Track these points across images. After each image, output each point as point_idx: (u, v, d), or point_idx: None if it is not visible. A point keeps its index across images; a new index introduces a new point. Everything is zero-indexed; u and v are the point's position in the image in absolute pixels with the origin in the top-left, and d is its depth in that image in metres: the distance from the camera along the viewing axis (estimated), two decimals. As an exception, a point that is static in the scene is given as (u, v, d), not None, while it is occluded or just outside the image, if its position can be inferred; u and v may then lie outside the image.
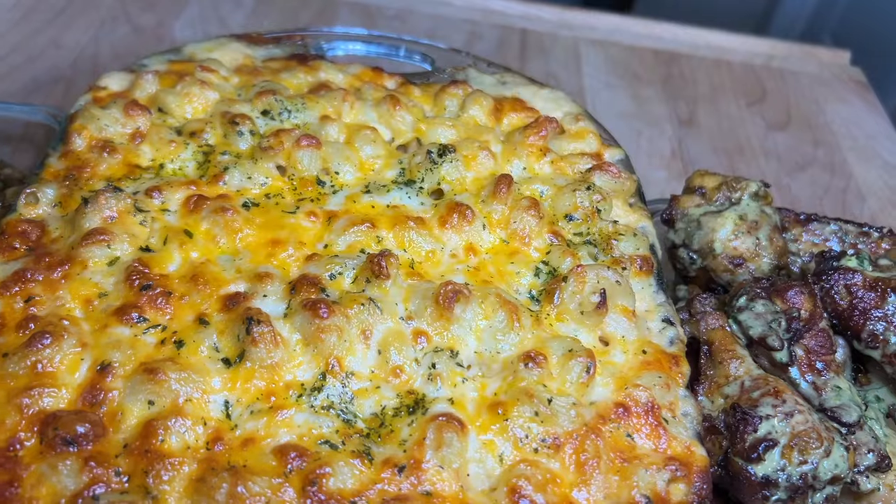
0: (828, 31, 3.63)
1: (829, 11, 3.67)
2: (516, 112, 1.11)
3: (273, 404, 0.74)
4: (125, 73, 1.09)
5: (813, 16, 3.73)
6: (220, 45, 1.16)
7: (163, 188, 0.90)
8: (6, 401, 0.70)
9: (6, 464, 0.67)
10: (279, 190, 0.93)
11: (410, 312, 0.81)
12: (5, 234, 0.85)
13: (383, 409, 0.76)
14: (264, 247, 0.86)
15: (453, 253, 0.90)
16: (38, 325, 0.76)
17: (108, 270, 0.82)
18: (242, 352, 0.75)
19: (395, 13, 1.78)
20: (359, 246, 0.88)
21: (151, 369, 0.72)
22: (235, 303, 0.79)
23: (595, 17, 1.90)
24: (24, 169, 1.16)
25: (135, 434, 0.70)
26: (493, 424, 0.74)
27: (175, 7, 1.68)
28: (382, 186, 0.95)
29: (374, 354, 0.78)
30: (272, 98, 1.02)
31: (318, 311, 0.77)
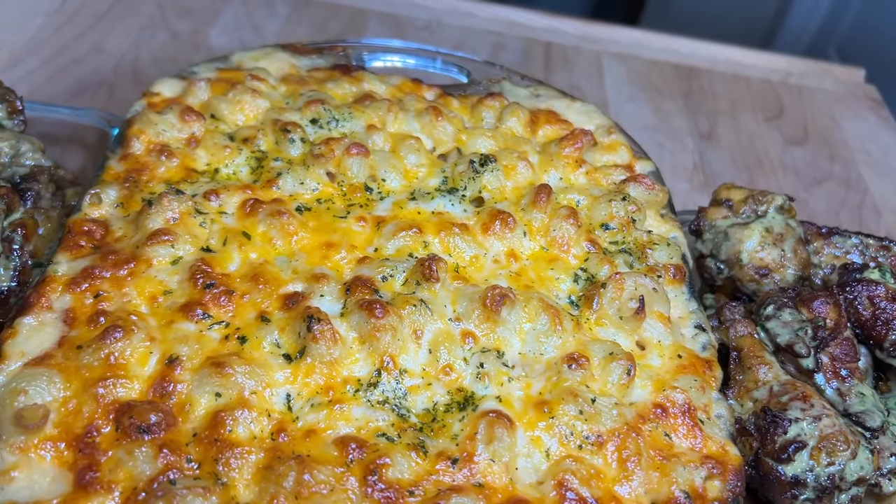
0: (834, 47, 3.68)
1: (836, 27, 3.73)
2: (551, 124, 1.16)
3: (332, 398, 0.78)
4: (177, 80, 1.13)
5: (819, 31, 3.78)
6: (266, 55, 1.21)
7: (220, 191, 0.94)
8: (82, 390, 0.74)
9: (85, 449, 0.71)
10: (329, 195, 0.98)
11: (458, 314, 0.85)
12: (72, 233, 0.90)
13: (435, 405, 0.80)
14: (318, 249, 0.91)
15: (496, 258, 0.94)
16: (109, 319, 0.80)
17: (172, 269, 0.86)
18: (303, 348, 0.79)
19: (424, 24, 1.82)
20: (407, 250, 0.92)
21: (219, 363, 0.77)
22: (295, 302, 0.83)
23: (617, 30, 1.95)
24: (74, 170, 1.20)
25: (204, 424, 0.74)
26: (540, 422, 0.78)
27: (211, 14, 1.72)
28: (427, 194, 1.00)
29: (425, 353, 0.83)
30: (321, 107, 1.06)
31: (373, 311, 0.81)
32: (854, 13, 3.68)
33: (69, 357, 0.77)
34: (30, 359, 0.77)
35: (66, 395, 0.74)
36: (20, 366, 0.77)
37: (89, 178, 1.22)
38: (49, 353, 0.78)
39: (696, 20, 3.74)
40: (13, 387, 0.73)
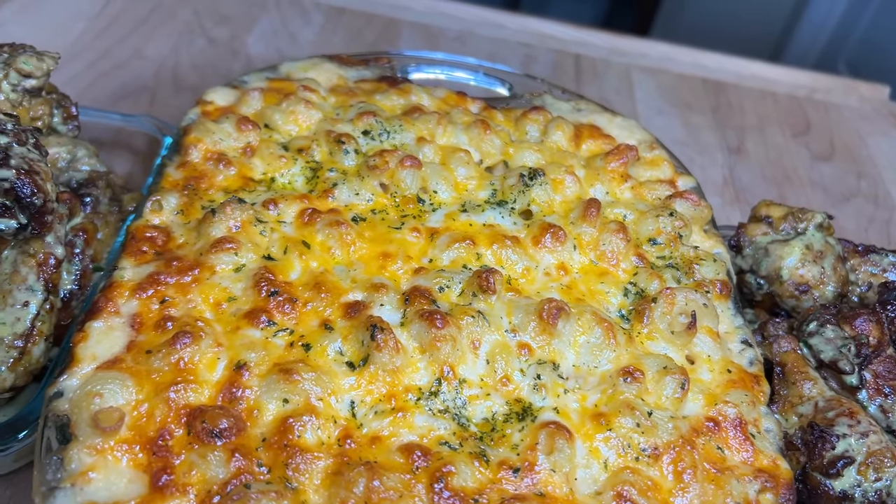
0: (843, 60, 3.71)
1: (845, 41, 3.75)
2: (594, 139, 1.18)
3: (395, 406, 0.80)
4: (229, 89, 1.15)
5: (828, 44, 3.80)
6: (314, 66, 1.23)
7: (278, 201, 0.96)
8: (154, 394, 0.76)
9: (158, 452, 0.73)
10: (383, 206, 1.00)
11: (514, 326, 0.87)
12: (135, 239, 0.92)
13: (494, 415, 0.81)
14: (376, 259, 0.92)
15: (547, 271, 0.96)
16: (176, 325, 0.82)
17: (235, 276, 0.88)
18: (367, 356, 0.81)
19: (455, 35, 1.85)
20: (461, 261, 0.94)
21: (286, 370, 0.78)
22: (356, 311, 0.85)
23: (645, 44, 1.97)
24: (121, 175, 1.22)
25: (272, 429, 0.76)
26: (598, 433, 0.80)
27: (247, 22, 1.75)
28: (477, 206, 1.02)
29: (482, 364, 0.84)
30: (372, 119, 1.08)
31: (434, 321, 0.83)
32: (864, 27, 3.70)
33: (139, 361, 0.79)
34: (101, 362, 0.79)
35: (139, 398, 0.76)
36: (92, 369, 0.78)
37: (137, 183, 1.25)
38: (119, 357, 0.80)
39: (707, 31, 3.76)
40: (88, 389, 0.75)
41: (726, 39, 2.90)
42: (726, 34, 3.79)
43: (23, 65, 1.00)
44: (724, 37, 3.56)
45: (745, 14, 3.87)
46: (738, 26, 3.85)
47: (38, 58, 1.02)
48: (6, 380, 0.87)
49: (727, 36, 3.76)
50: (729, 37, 3.74)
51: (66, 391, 0.77)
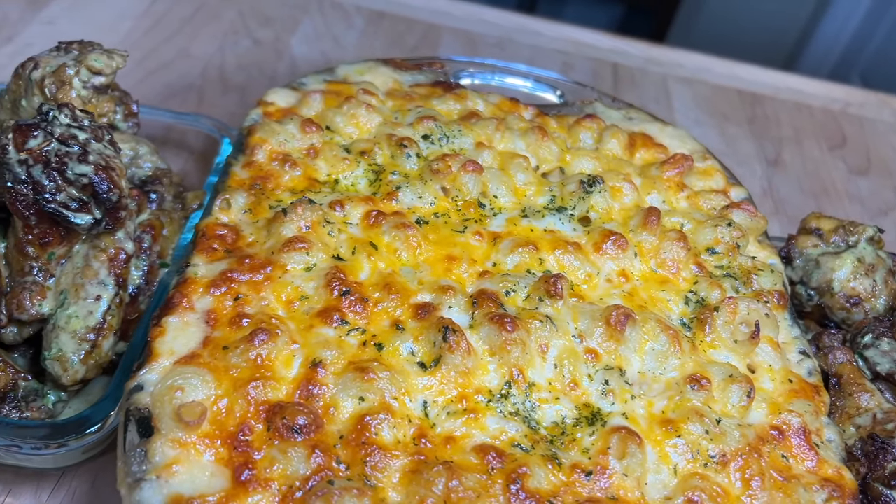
0: (857, 72, 3.72)
1: (859, 53, 3.76)
2: (647, 148, 1.19)
3: (466, 407, 0.81)
4: (289, 90, 1.17)
5: (843, 56, 3.82)
6: (370, 69, 1.24)
7: (344, 202, 0.97)
8: (233, 390, 0.77)
9: (239, 447, 0.74)
10: (446, 210, 1.01)
11: (580, 331, 0.88)
12: (206, 236, 0.93)
13: (563, 418, 0.82)
14: (441, 262, 0.94)
15: (608, 278, 0.97)
16: (252, 322, 0.83)
17: (307, 276, 0.89)
18: (438, 357, 0.82)
19: (495, 41, 1.86)
20: (524, 266, 0.95)
21: (362, 368, 0.80)
22: (426, 312, 0.86)
23: (681, 54, 1.98)
24: (179, 172, 1.24)
25: (349, 427, 0.77)
26: (667, 439, 0.81)
27: (290, 24, 1.76)
28: (537, 212, 1.03)
29: (550, 368, 0.85)
30: (432, 123, 1.10)
31: (504, 325, 0.84)
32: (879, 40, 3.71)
33: (216, 357, 0.80)
34: (179, 357, 0.80)
35: (218, 393, 0.77)
36: (171, 364, 0.80)
37: (191, 181, 1.27)
38: (196, 353, 0.81)
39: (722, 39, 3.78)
40: (170, 384, 0.76)
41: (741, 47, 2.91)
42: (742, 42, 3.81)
43: (94, 62, 1.02)
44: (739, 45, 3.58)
45: (760, 23, 3.89)
46: (753, 34, 3.87)
47: (107, 56, 1.03)
48: (78, 372, 0.89)
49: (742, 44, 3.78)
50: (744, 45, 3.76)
51: (146, 385, 0.78)
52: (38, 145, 0.87)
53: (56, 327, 0.90)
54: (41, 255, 0.91)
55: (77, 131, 0.89)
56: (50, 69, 1.02)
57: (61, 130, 0.88)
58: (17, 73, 1.04)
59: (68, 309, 0.90)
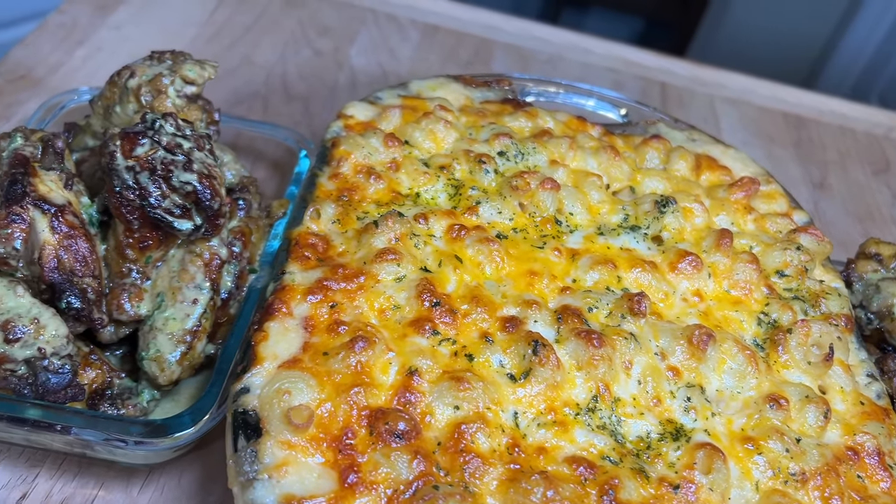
0: (876, 93, 3.74)
1: (879, 73, 3.79)
2: (711, 170, 1.22)
3: (556, 419, 0.84)
4: (366, 104, 1.20)
5: (862, 75, 3.84)
6: (441, 85, 1.27)
7: (428, 216, 1.01)
8: (336, 394, 0.80)
9: (344, 450, 0.77)
10: (524, 225, 1.04)
11: (662, 349, 0.91)
12: (299, 245, 0.96)
13: (648, 433, 0.85)
14: (523, 276, 0.97)
15: (684, 297, 1.00)
16: (349, 329, 0.86)
17: (397, 286, 0.92)
18: (528, 370, 0.85)
19: (546, 58, 1.90)
20: (603, 283, 0.98)
21: (457, 378, 0.83)
22: (513, 325, 0.89)
23: (725, 75, 2.01)
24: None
25: (447, 434, 0.80)
26: (748, 456, 0.84)
27: (348, 35, 1.80)
28: (612, 230, 1.06)
29: (634, 384, 0.88)
30: (507, 140, 1.13)
31: (591, 341, 0.87)
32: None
33: (316, 362, 0.83)
34: (282, 361, 0.83)
35: (322, 397, 0.80)
36: (274, 367, 0.83)
37: (266, 188, 1.30)
38: (297, 358, 0.84)
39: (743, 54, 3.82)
40: (277, 387, 0.80)
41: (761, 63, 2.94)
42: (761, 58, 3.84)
43: (188, 72, 1.06)
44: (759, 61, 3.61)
45: (780, 40, 3.92)
46: (773, 51, 3.91)
47: (200, 66, 1.07)
48: (174, 372, 0.92)
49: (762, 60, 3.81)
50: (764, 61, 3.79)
51: (251, 388, 0.81)
52: (145, 153, 0.90)
53: (153, 328, 0.93)
54: (139, 258, 0.94)
55: (181, 140, 0.92)
56: (146, 78, 1.05)
57: (167, 139, 0.91)
58: (112, 81, 1.08)
59: (166, 311, 0.93)
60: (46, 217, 0.88)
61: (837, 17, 3.83)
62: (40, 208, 0.88)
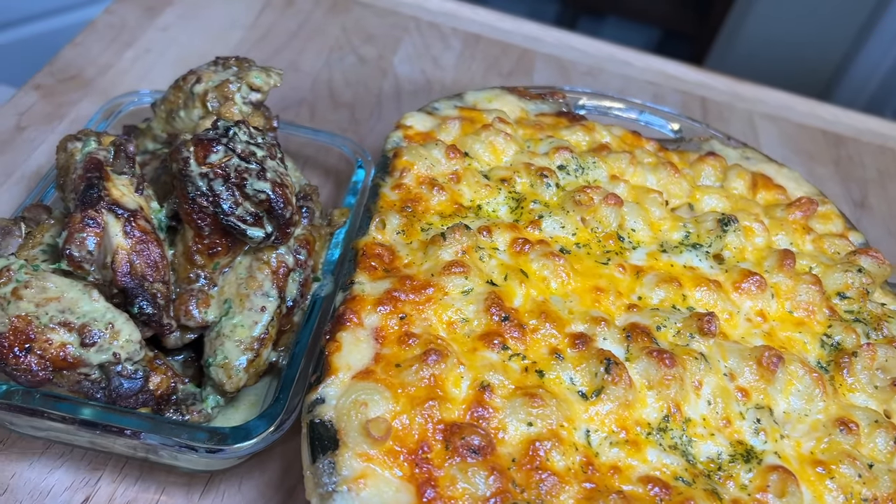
0: (891, 108, 3.74)
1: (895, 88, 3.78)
2: (767, 189, 1.22)
3: (628, 438, 0.83)
4: (424, 115, 1.20)
5: (878, 90, 3.84)
6: (497, 97, 1.28)
7: (492, 229, 1.01)
8: (410, 407, 0.80)
9: (421, 464, 0.77)
10: (587, 241, 1.04)
11: (730, 370, 0.91)
12: (366, 255, 0.96)
13: (719, 454, 0.85)
14: (589, 292, 0.96)
15: (748, 317, 0.99)
16: (420, 342, 0.86)
17: (465, 299, 0.92)
18: (600, 388, 0.85)
19: (586, 69, 1.90)
20: (669, 301, 0.98)
21: (531, 394, 0.83)
22: (583, 342, 0.89)
23: (763, 91, 2.01)
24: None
25: (521, 451, 0.80)
26: (821, 481, 0.83)
27: (392, 43, 1.80)
28: (674, 247, 1.06)
29: (704, 404, 0.88)
30: (567, 154, 1.13)
31: (663, 360, 0.87)
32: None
33: (389, 374, 0.83)
34: (355, 372, 0.83)
35: (397, 410, 0.80)
36: (349, 378, 0.83)
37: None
38: (370, 369, 0.84)
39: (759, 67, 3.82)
40: (354, 398, 0.79)
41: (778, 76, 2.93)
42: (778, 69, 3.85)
43: (254, 79, 1.06)
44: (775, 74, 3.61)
45: (797, 53, 3.93)
46: (789, 63, 3.91)
47: (266, 73, 1.07)
48: (241, 380, 0.92)
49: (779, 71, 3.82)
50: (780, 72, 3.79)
51: (326, 398, 0.81)
52: (219, 160, 0.91)
53: (221, 335, 0.93)
54: (207, 265, 0.95)
55: (255, 148, 0.93)
56: (212, 84, 1.06)
57: (241, 147, 0.91)
58: (177, 85, 1.09)
59: (234, 318, 0.93)
60: (119, 222, 0.88)
61: (854, 32, 3.84)
62: (114, 213, 0.88)
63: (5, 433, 0.96)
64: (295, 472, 0.99)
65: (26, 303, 0.83)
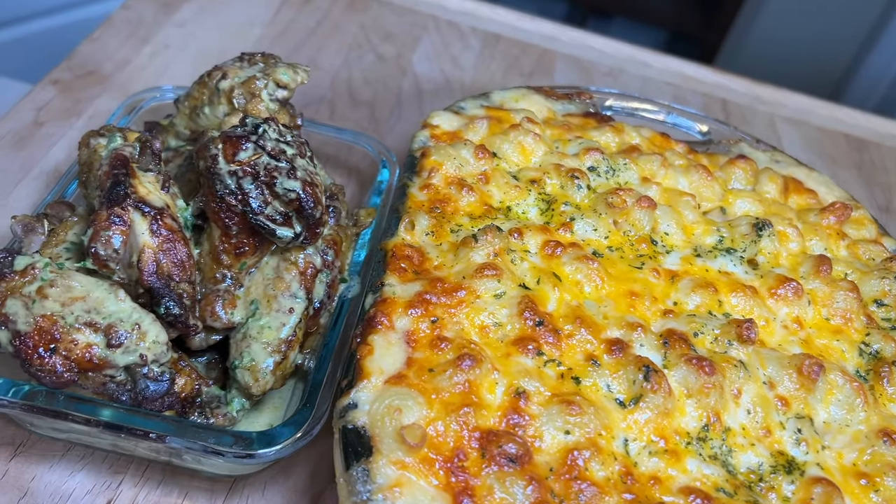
0: None
1: None
2: (798, 193, 1.19)
3: (667, 448, 0.81)
4: (450, 114, 1.18)
5: (889, 90, 3.81)
6: (523, 96, 1.25)
7: (523, 231, 0.98)
8: (445, 413, 0.78)
9: (457, 472, 0.75)
10: (620, 244, 1.02)
11: (770, 378, 0.89)
12: (395, 256, 0.94)
13: (759, 465, 0.83)
14: (624, 297, 0.94)
15: (784, 324, 0.97)
16: (453, 346, 0.84)
17: (497, 303, 0.90)
18: (638, 396, 0.83)
19: (607, 70, 1.88)
20: (705, 307, 0.96)
21: (568, 401, 0.80)
22: (620, 348, 0.87)
23: (783, 94, 1.98)
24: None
25: (559, 460, 0.77)
26: (865, 493, 0.81)
27: (410, 41, 1.78)
28: (708, 252, 1.03)
29: (743, 413, 0.86)
30: (598, 155, 1.11)
31: (703, 368, 0.85)
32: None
33: (422, 378, 0.81)
34: (388, 377, 0.81)
35: (432, 416, 0.78)
36: (381, 382, 0.81)
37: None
38: (402, 374, 0.82)
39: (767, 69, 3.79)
40: (388, 403, 0.77)
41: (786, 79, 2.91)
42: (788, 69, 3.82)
43: (281, 76, 1.04)
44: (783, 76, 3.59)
45: (806, 53, 3.91)
46: (798, 64, 3.89)
47: (293, 70, 1.05)
48: (268, 383, 0.90)
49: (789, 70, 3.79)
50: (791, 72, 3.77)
51: (359, 403, 0.79)
52: (248, 158, 0.88)
53: (247, 336, 0.91)
54: (234, 265, 0.92)
55: (285, 146, 0.90)
56: (238, 80, 1.03)
57: (272, 145, 0.89)
58: (201, 81, 1.06)
59: (261, 319, 0.91)
60: (146, 220, 0.86)
61: (865, 33, 3.82)
62: (140, 210, 0.86)
63: (24, 434, 0.94)
64: (321, 477, 0.96)
65: (52, 302, 0.81)
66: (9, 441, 0.93)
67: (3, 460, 0.91)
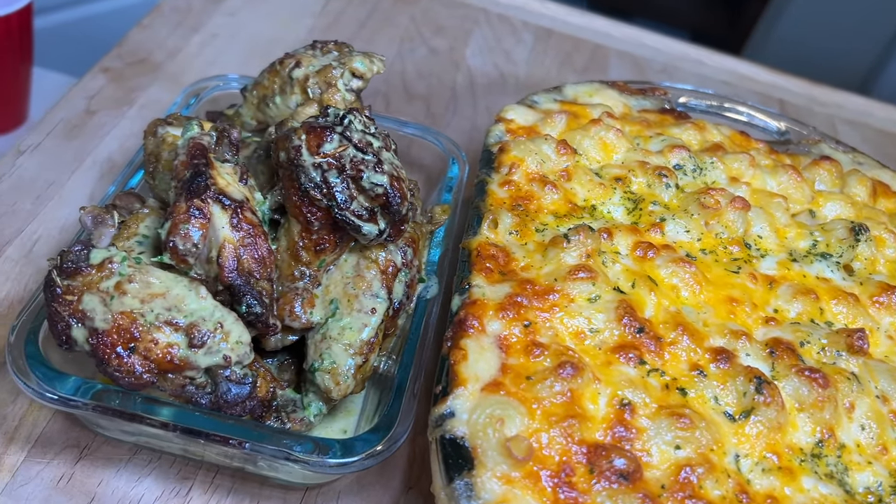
0: None
1: None
2: (886, 196, 1.14)
3: (780, 465, 0.76)
4: (524, 108, 1.13)
5: None
6: (597, 91, 1.20)
7: (612, 231, 0.93)
8: (548, 425, 0.73)
9: (565, 489, 0.70)
10: (712, 247, 0.97)
11: (882, 391, 0.84)
12: (480, 256, 0.89)
13: (878, 485, 0.78)
14: (723, 303, 0.89)
15: (889, 334, 0.92)
16: (550, 353, 0.79)
17: (592, 307, 0.85)
18: (749, 409, 0.78)
19: (661, 67, 1.82)
20: (807, 315, 0.90)
21: (678, 414, 0.75)
22: (725, 358, 0.82)
23: (841, 95, 1.93)
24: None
25: (670, 477, 0.72)
26: None
27: (462, 35, 1.73)
28: (804, 256, 0.98)
29: (857, 429, 0.81)
30: (685, 153, 1.06)
31: (816, 380, 0.80)
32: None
33: (520, 387, 0.76)
34: (483, 384, 0.77)
35: (533, 427, 0.73)
36: (477, 390, 0.76)
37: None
38: (498, 381, 0.77)
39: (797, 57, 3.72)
40: (490, 413, 0.73)
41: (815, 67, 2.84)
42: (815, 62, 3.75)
43: (357, 65, 0.99)
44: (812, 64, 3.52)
45: (836, 45, 3.83)
46: (827, 56, 3.82)
47: (369, 59, 1.01)
48: (349, 386, 0.86)
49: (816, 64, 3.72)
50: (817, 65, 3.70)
51: (457, 412, 0.74)
52: (333, 150, 0.84)
53: (327, 338, 0.86)
54: (313, 262, 0.88)
55: (371, 138, 0.86)
56: (313, 69, 0.99)
57: (358, 137, 0.85)
58: (273, 70, 1.02)
59: (341, 320, 0.86)
60: (226, 213, 0.82)
61: (888, 36, 3.75)
62: (221, 203, 0.82)
63: (90, 436, 0.90)
64: (394, 485, 0.92)
65: (130, 298, 0.76)
66: (74, 443, 0.88)
67: (69, 463, 0.87)
